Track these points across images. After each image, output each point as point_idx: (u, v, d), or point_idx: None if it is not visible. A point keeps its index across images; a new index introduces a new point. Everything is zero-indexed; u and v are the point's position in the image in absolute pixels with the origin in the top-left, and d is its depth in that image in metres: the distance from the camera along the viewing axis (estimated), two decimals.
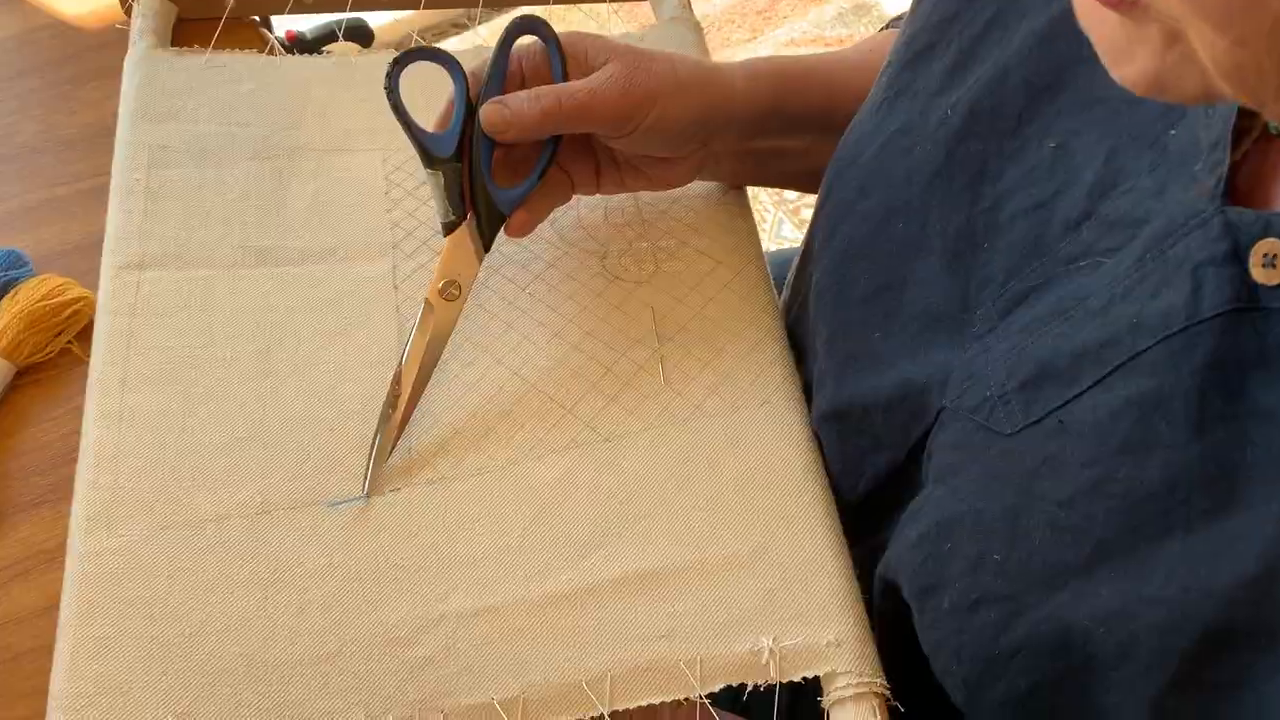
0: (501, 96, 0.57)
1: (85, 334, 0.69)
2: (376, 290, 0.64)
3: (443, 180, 0.57)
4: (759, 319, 0.63)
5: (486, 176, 0.57)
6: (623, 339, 0.62)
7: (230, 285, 0.64)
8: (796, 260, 0.69)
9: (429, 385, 0.59)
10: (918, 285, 0.54)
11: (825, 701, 0.51)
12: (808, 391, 0.62)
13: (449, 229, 0.58)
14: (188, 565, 0.53)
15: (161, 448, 0.57)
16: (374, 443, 0.57)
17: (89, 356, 0.61)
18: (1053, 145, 0.49)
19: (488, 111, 0.57)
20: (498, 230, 0.59)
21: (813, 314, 0.61)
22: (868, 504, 0.58)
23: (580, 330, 0.63)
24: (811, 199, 0.65)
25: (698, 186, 0.69)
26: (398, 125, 0.57)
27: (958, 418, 0.50)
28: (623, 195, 0.68)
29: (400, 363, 0.58)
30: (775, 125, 0.66)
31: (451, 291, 0.58)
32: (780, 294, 0.69)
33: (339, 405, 0.59)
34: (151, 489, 0.56)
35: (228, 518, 0.55)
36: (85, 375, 0.60)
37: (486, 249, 0.59)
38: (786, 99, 0.65)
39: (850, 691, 0.51)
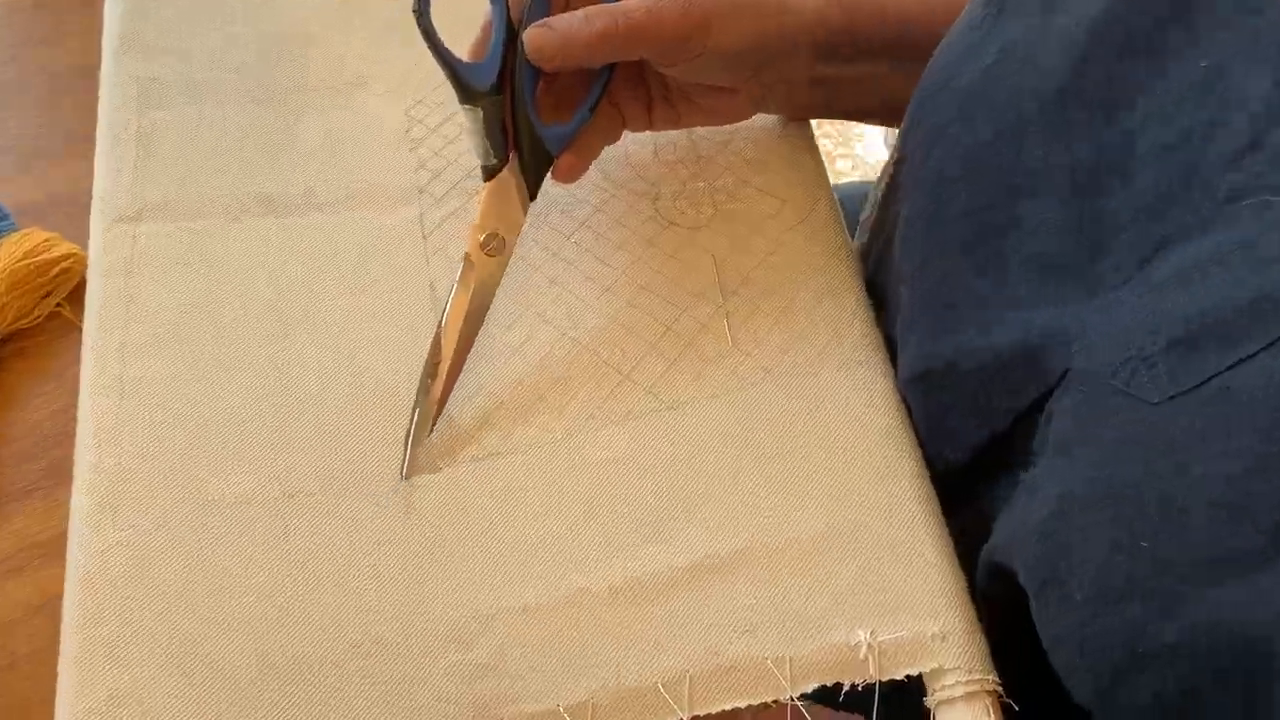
0: (547, 19, 0.49)
1: (76, 295, 0.62)
2: (402, 241, 0.57)
3: (482, 117, 0.50)
4: (832, 266, 0.57)
5: (531, 112, 0.50)
6: (682, 293, 0.55)
7: (237, 237, 0.57)
8: (873, 198, 0.62)
9: (474, 359, 0.52)
10: (1032, 226, 0.47)
11: (930, 700, 0.46)
12: (890, 348, 0.55)
13: (490, 173, 0.50)
14: (206, 557, 0.47)
15: (170, 423, 0.51)
16: (412, 417, 0.50)
17: (81, 321, 0.54)
18: (1204, 65, 0.42)
19: (533, 36, 0.49)
20: (545, 174, 0.52)
21: (898, 258, 0.54)
22: (959, 476, 0.52)
23: (634, 284, 0.56)
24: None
25: (757, 119, 0.61)
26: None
27: (1087, 381, 0.44)
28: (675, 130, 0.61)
29: (439, 326, 0.51)
30: (847, 49, 0.58)
31: (494, 245, 0.51)
32: (853, 237, 0.62)
33: (368, 374, 0.53)
34: (161, 471, 0.49)
35: (249, 502, 0.49)
36: (78, 343, 0.53)
37: (532, 196, 0.52)
38: (860, 20, 0.57)
39: (960, 691, 0.45)
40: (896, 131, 0.58)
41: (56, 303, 0.63)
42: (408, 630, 0.46)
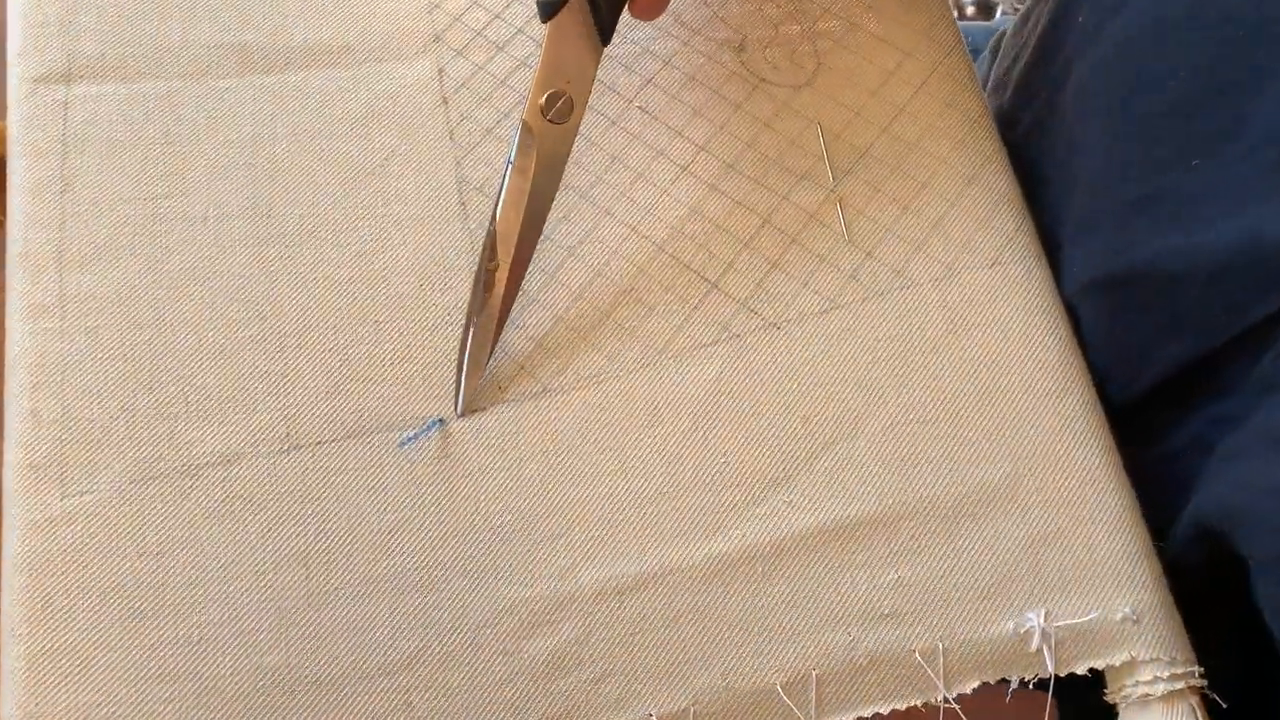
0: None
1: None
2: (417, 105, 0.44)
3: None
4: (973, 138, 0.44)
5: None
6: (781, 173, 0.43)
7: (204, 104, 0.44)
8: (1008, 46, 0.49)
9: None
10: (1271, 97, 0.35)
11: (1116, 697, 0.36)
12: (1046, 244, 0.43)
13: (549, 10, 0.37)
14: (184, 536, 0.36)
15: (128, 354, 0.39)
16: (465, 340, 0.38)
17: (3, 217, 0.41)
18: None
19: None
20: (621, 8, 0.39)
21: (1070, 129, 0.42)
22: (1138, 409, 0.41)
23: (718, 162, 0.43)
24: None
25: None
26: None
27: None
28: None
29: (492, 220, 0.39)
30: None
31: (559, 108, 0.38)
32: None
33: (385, 286, 0.41)
34: (119, 420, 0.38)
35: (238, 459, 0.38)
36: (2, 245, 0.41)
37: (606, 39, 0.38)
38: None
39: (1160, 689, 0.35)
40: None
41: None
42: (451, 624, 0.36)
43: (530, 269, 0.41)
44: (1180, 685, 0.35)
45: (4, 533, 0.36)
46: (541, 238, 0.41)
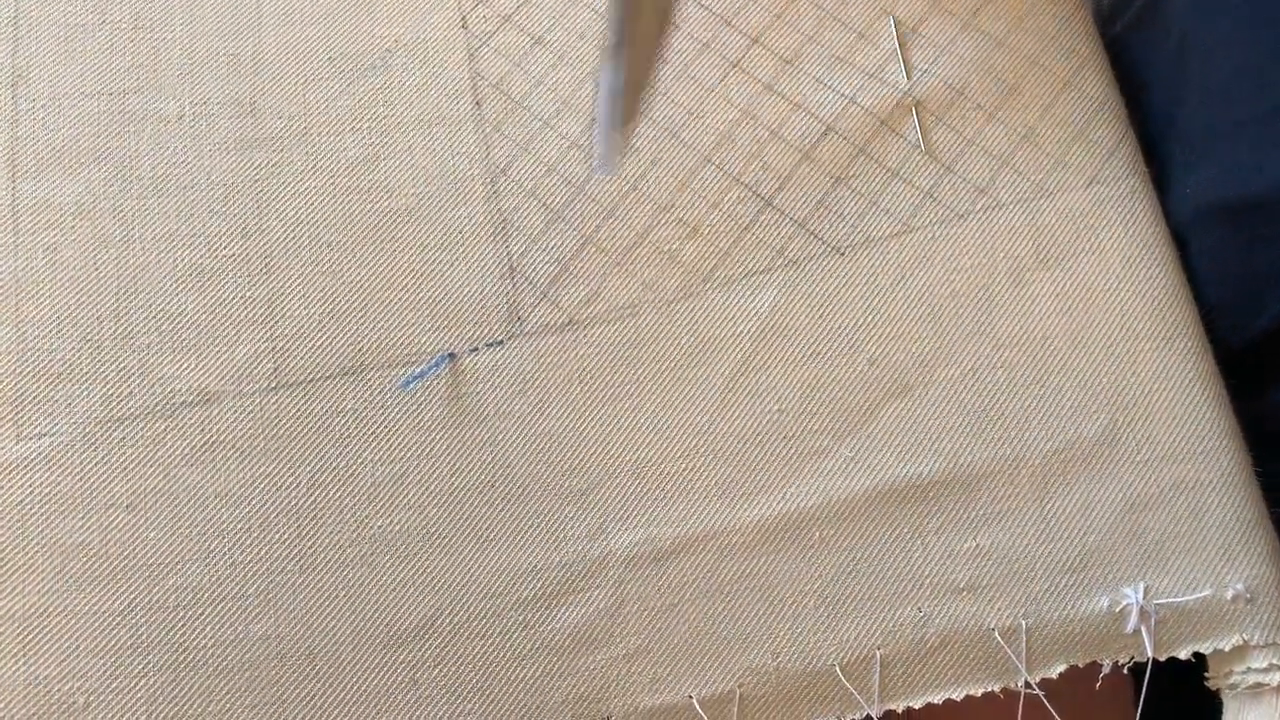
0: None
1: None
2: None
3: None
4: (1068, 35, 0.38)
5: None
6: (848, 71, 0.37)
7: None
8: None
9: (539, 172, 0.34)
10: None
11: (1219, 682, 0.32)
12: (1154, 159, 0.37)
13: None
14: (158, 486, 0.32)
15: (93, 275, 0.34)
16: (613, 67, 0.29)
17: None
18: None
19: None
20: None
21: (1184, 24, 0.35)
22: (1253, 354, 0.35)
23: (772, 55, 0.37)
24: None
25: None
26: None
27: None
28: None
29: None
30: None
31: None
32: None
33: (386, 194, 0.35)
34: (83, 352, 0.33)
35: (219, 398, 0.33)
36: None
37: None
38: None
39: (1277, 678, 0.31)
40: None
41: None
42: (466, 590, 0.31)
43: (553, 180, 0.35)
44: None
45: None
46: (567, 144, 0.35)
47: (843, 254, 0.35)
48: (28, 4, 0.37)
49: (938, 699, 0.31)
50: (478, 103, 0.37)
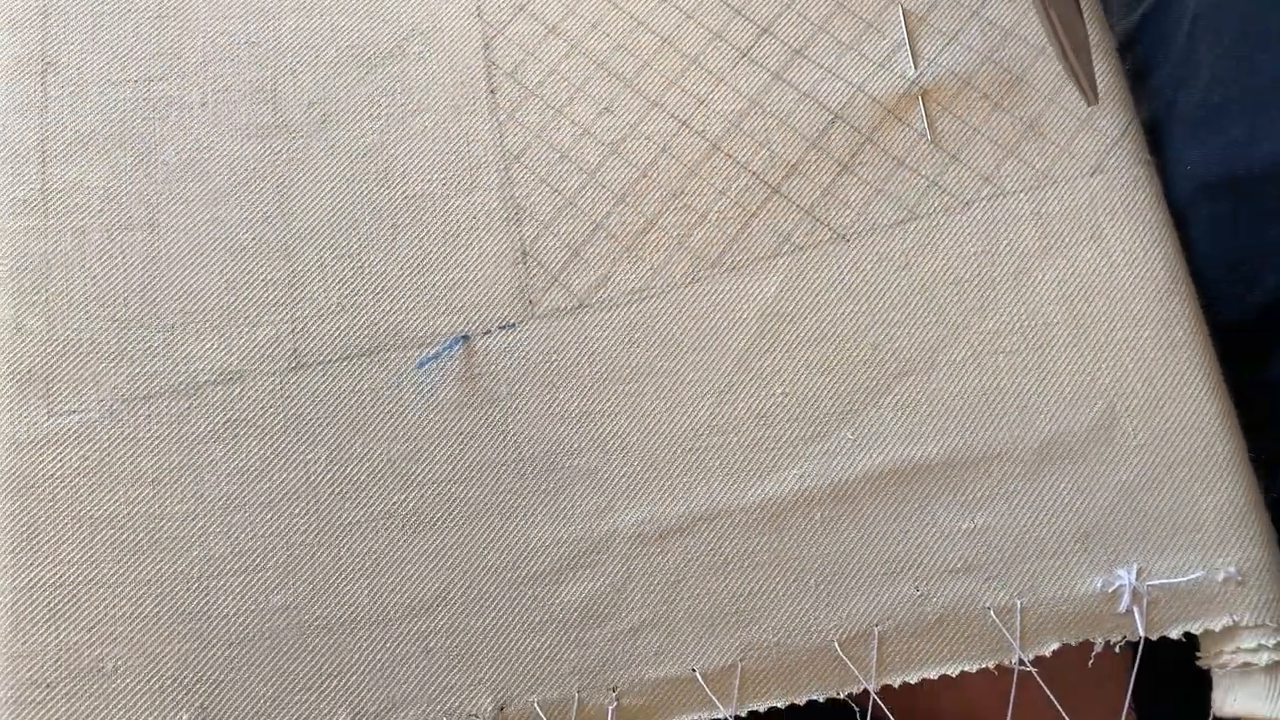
0: None
1: None
2: None
3: None
4: (1078, 19, 0.38)
5: None
6: (856, 60, 0.38)
7: None
8: None
9: (551, 159, 0.35)
10: None
11: (1210, 661, 0.33)
12: (1156, 141, 0.38)
13: None
14: (182, 461, 0.33)
15: (120, 257, 0.35)
16: (1052, 25, 0.33)
17: None
18: None
19: None
20: None
21: (1195, 8, 0.36)
22: (1249, 331, 0.36)
23: (781, 44, 0.38)
24: None
25: None
26: None
27: None
28: None
29: None
30: None
31: None
32: None
33: (402, 180, 0.36)
34: (110, 332, 0.34)
35: (241, 377, 0.34)
36: None
37: None
38: None
39: (1265, 658, 0.32)
40: None
41: None
42: (477, 564, 0.33)
43: (566, 166, 0.36)
44: None
45: None
46: (579, 131, 0.36)
47: (848, 240, 0.36)
48: None
49: (934, 675, 0.32)
50: (492, 91, 0.37)
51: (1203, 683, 0.33)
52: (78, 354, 0.34)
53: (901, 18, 0.38)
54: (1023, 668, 0.32)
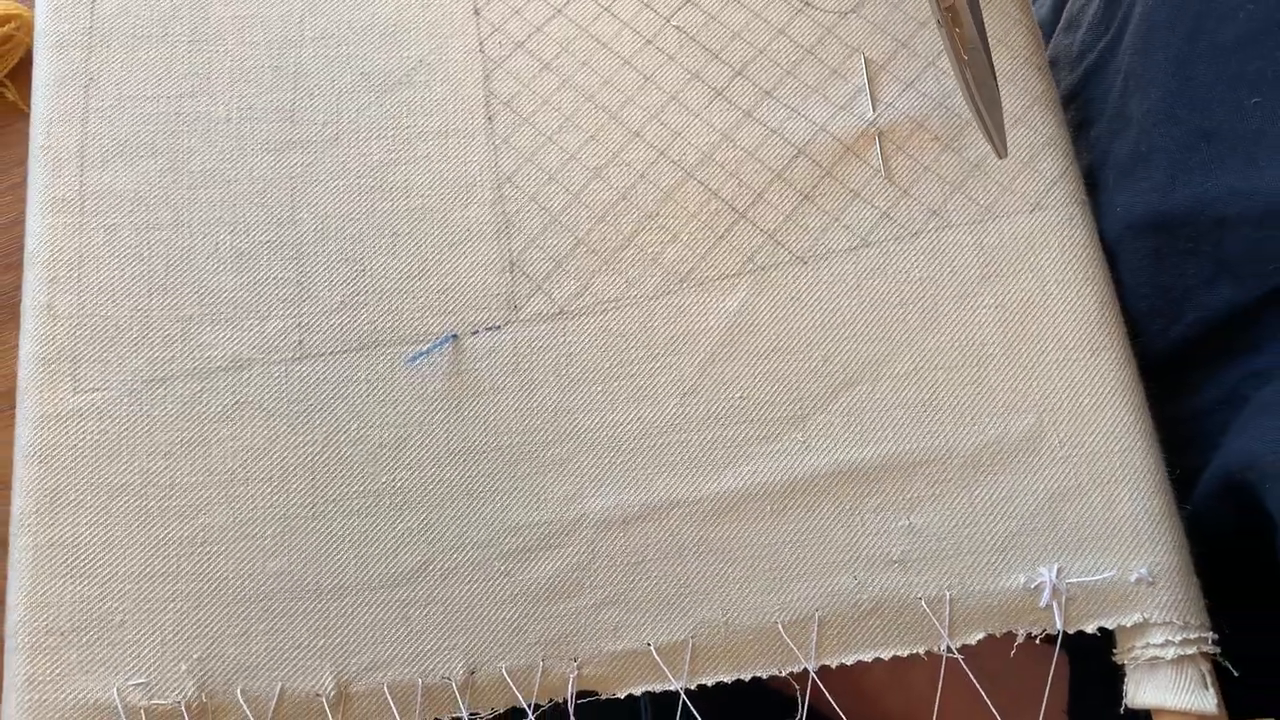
0: None
1: (21, 73, 0.49)
2: (449, 14, 0.43)
3: None
4: (1022, 76, 0.42)
5: None
6: (820, 102, 0.41)
7: (232, 2, 0.43)
8: None
9: (540, 180, 0.39)
10: None
11: (1123, 656, 0.35)
12: (1094, 184, 0.41)
13: None
14: (193, 438, 0.36)
15: (145, 252, 0.39)
16: (966, 84, 0.36)
17: (28, 107, 0.41)
18: None
19: None
20: None
21: (1131, 64, 0.40)
22: (1172, 361, 0.39)
23: (755, 88, 0.42)
24: None
25: None
26: None
27: None
28: None
29: None
30: None
31: None
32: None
33: (405, 195, 0.40)
34: (134, 319, 0.38)
35: (249, 364, 0.37)
36: (25, 134, 0.40)
37: None
38: None
39: (1170, 653, 0.34)
40: None
41: None
42: (454, 540, 0.36)
43: (553, 187, 0.40)
44: (1191, 650, 0.34)
45: (16, 425, 0.36)
46: (567, 156, 0.40)
47: (805, 263, 0.39)
48: (102, 18, 0.42)
49: (868, 658, 0.35)
50: (490, 118, 0.41)
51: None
52: (103, 338, 0.37)
53: (863, 65, 0.42)
54: (950, 654, 0.35)
